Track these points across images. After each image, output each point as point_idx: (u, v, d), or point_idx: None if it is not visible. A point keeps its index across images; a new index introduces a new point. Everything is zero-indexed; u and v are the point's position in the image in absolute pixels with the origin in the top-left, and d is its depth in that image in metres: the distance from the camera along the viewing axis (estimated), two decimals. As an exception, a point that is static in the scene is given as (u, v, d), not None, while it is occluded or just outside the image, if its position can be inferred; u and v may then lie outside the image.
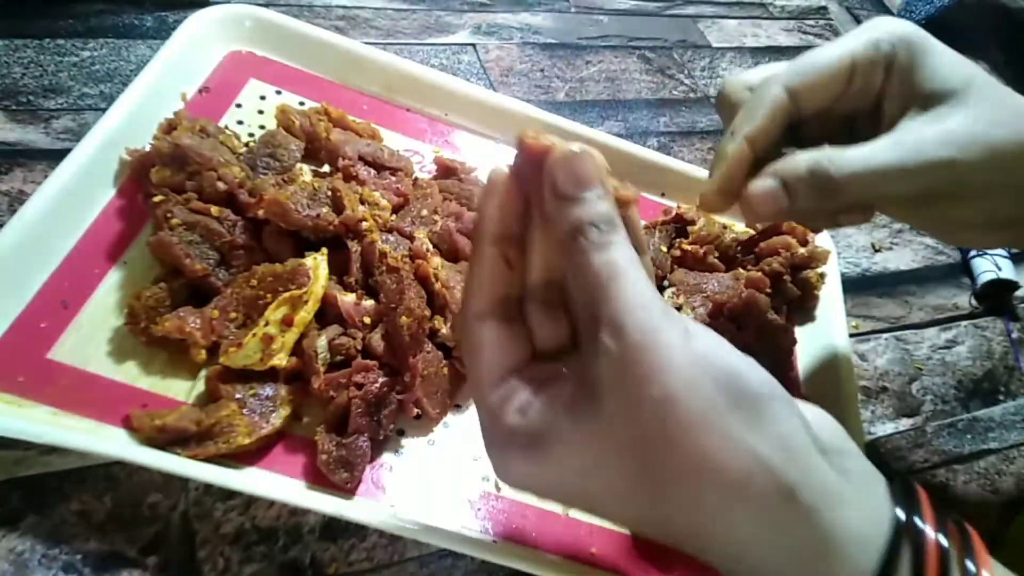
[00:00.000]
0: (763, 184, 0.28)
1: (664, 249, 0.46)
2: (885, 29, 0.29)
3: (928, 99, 0.28)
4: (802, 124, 0.30)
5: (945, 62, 0.28)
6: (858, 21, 0.86)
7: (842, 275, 0.55)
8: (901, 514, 0.20)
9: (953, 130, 0.27)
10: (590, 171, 0.20)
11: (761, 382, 0.19)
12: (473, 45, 0.62)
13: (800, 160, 0.28)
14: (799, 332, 0.47)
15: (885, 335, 0.55)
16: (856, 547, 0.19)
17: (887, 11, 0.89)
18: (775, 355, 0.43)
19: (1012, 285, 0.59)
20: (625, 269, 0.19)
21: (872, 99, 0.29)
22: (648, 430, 0.19)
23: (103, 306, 0.34)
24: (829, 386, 0.45)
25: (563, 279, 0.22)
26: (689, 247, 0.46)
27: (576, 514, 0.35)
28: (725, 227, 0.48)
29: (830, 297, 0.49)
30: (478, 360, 0.22)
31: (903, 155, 0.27)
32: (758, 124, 0.28)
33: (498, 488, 0.35)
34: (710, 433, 0.18)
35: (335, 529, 0.33)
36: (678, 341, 0.19)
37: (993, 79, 0.28)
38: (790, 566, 0.19)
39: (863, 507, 0.19)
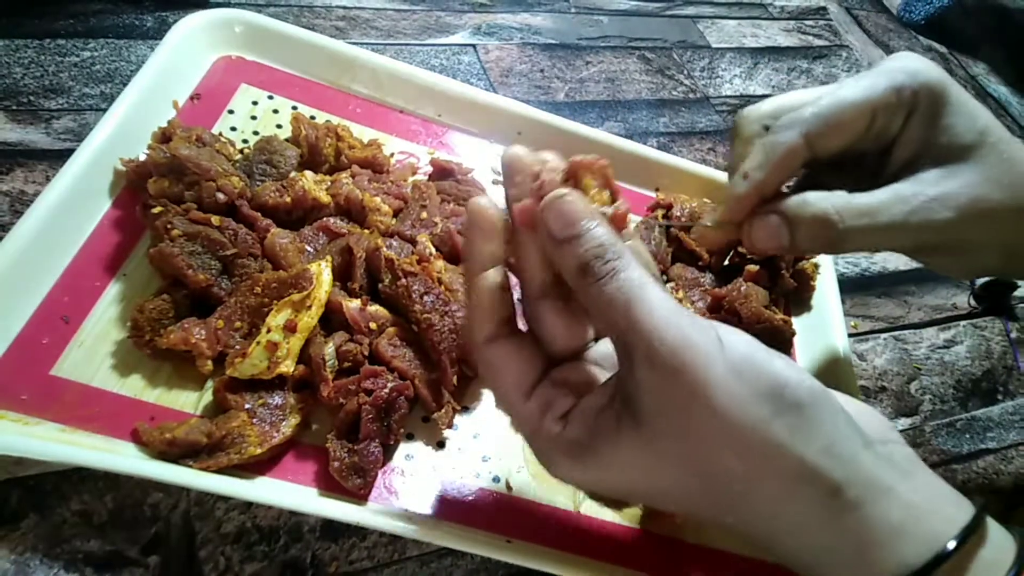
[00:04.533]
0: (768, 220, 0.28)
1: (664, 243, 0.47)
2: (909, 72, 0.28)
3: (939, 154, 0.28)
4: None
5: (963, 115, 0.28)
6: (858, 22, 0.86)
7: (841, 275, 0.55)
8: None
9: (956, 192, 0.27)
10: (578, 208, 0.21)
11: (801, 386, 0.20)
12: (473, 46, 0.62)
13: (808, 205, 0.28)
14: (798, 330, 0.47)
15: (884, 335, 0.55)
16: (902, 536, 0.20)
17: (886, 12, 0.89)
18: (774, 346, 0.43)
19: (1011, 285, 0.59)
20: (639, 292, 0.20)
21: (886, 142, 0.30)
22: (696, 446, 0.20)
23: (104, 320, 0.34)
24: (829, 383, 0.45)
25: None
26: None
27: (588, 511, 0.35)
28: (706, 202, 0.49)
29: (828, 296, 0.50)
30: (502, 379, 0.23)
31: (905, 213, 0.27)
32: (769, 173, 0.28)
33: (509, 488, 0.35)
34: (757, 445, 0.19)
35: (336, 528, 0.33)
36: (714, 353, 0.19)
37: (1007, 134, 0.28)
38: (837, 553, 0.20)
39: (914, 492, 0.20)
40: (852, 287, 0.56)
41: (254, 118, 0.44)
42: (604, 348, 0.25)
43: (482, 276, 0.23)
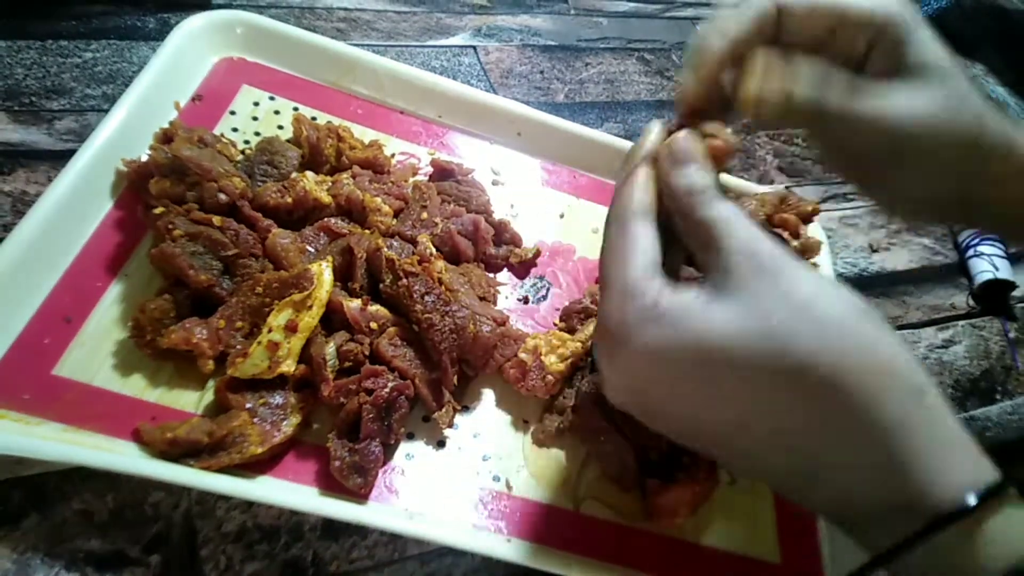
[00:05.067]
0: (774, 83, 0.28)
1: None
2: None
3: (907, 71, 0.29)
4: None
5: (930, 42, 0.30)
6: (856, 23, 0.86)
7: (840, 275, 0.56)
8: None
9: (902, 104, 0.28)
10: (696, 147, 0.25)
11: (873, 309, 0.22)
12: (473, 47, 0.62)
13: (807, 72, 0.28)
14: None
15: (883, 335, 0.55)
16: (972, 452, 0.21)
17: (885, 13, 0.90)
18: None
19: (1009, 285, 0.59)
20: (737, 216, 0.23)
21: (852, 65, 0.30)
22: (784, 321, 0.21)
23: (106, 320, 0.34)
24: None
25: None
26: None
27: (588, 510, 0.35)
28: None
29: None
30: (636, 247, 0.24)
31: (872, 108, 0.28)
32: (746, 27, 0.29)
33: (509, 487, 0.35)
34: (848, 337, 0.21)
35: (336, 527, 0.33)
36: (804, 267, 0.22)
37: (965, 71, 0.30)
38: (913, 462, 0.20)
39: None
40: (850, 287, 0.56)
41: (255, 119, 0.44)
42: None
43: (645, 163, 0.26)
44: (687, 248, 0.25)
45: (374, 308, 0.36)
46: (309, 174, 0.39)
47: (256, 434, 0.31)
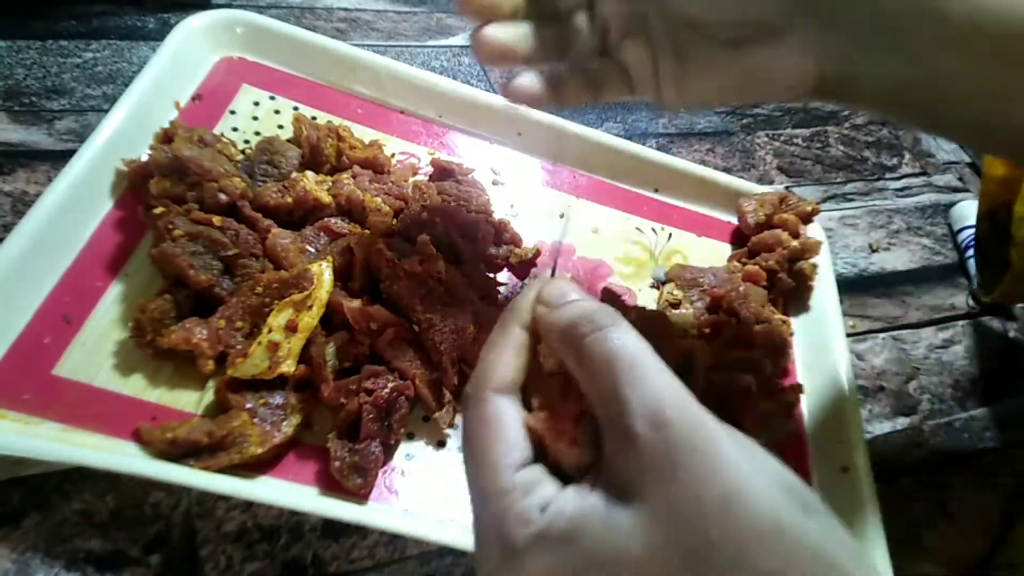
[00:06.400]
0: None
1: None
2: None
3: None
4: None
5: None
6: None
7: (839, 275, 0.56)
8: None
9: None
10: (568, 285, 0.21)
11: (806, 488, 0.17)
12: (473, 47, 0.62)
13: None
14: (796, 331, 0.48)
15: (882, 335, 0.55)
16: None
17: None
18: (773, 345, 0.43)
19: (1009, 286, 0.59)
20: (642, 356, 0.18)
21: None
22: (710, 533, 0.16)
23: (106, 320, 0.34)
24: (827, 384, 0.45)
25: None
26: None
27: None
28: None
29: (826, 297, 0.50)
30: (495, 438, 0.19)
31: None
32: None
33: None
34: (786, 538, 0.16)
35: (337, 528, 0.33)
36: (726, 438, 0.17)
37: None
38: None
39: None
40: (850, 287, 0.56)
41: (255, 119, 0.44)
42: None
43: (520, 327, 0.21)
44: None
45: (374, 308, 0.36)
46: (309, 174, 0.39)
47: (256, 434, 0.31)
